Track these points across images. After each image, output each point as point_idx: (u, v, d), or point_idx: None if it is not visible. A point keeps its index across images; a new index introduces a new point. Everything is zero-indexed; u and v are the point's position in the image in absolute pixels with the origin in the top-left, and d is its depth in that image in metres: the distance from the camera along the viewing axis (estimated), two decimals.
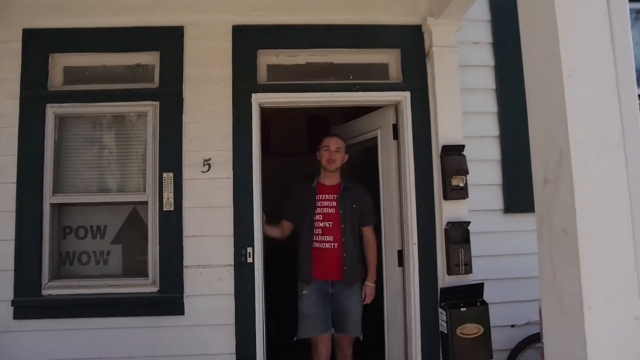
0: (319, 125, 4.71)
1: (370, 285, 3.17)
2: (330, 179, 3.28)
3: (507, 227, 3.31)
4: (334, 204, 3.19)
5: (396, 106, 3.29)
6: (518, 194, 3.30)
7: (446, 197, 3.02)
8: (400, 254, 3.23)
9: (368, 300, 3.15)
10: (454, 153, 3.04)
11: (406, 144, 3.16)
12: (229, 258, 3.01)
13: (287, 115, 5.41)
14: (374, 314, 3.34)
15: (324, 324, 3.11)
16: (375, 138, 3.50)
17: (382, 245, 3.36)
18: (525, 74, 1.61)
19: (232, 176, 3.06)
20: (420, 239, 3.10)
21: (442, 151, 3.05)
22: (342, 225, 3.14)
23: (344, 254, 3.11)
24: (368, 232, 3.25)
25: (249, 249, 3.00)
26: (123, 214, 3.16)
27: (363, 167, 3.87)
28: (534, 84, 1.56)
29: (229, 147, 3.08)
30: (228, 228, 3.02)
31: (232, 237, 3.02)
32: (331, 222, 3.16)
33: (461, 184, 3.01)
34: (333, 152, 3.23)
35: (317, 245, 3.17)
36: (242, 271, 3.00)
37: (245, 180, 3.06)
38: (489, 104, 3.40)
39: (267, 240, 3.21)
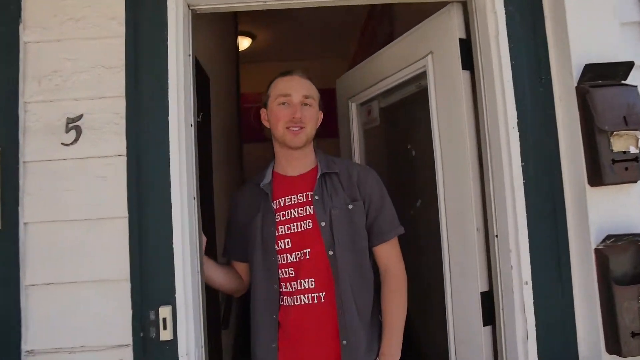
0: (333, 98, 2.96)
1: None
2: (297, 162, 1.63)
3: None
4: (310, 209, 1.54)
5: (464, 3, 1.64)
6: None
7: (598, 179, 1.34)
8: (488, 300, 1.57)
9: None
10: (610, 81, 1.37)
11: (496, 75, 1.48)
12: (124, 331, 1.38)
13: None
14: None
15: None
16: (421, 76, 1.85)
17: (445, 283, 1.71)
18: None
19: (125, 152, 1.42)
20: (537, 272, 1.42)
21: (582, 78, 1.38)
22: (330, 252, 1.50)
23: (339, 311, 1.49)
24: (386, 253, 1.59)
25: (164, 310, 1.36)
26: None
27: (392, 141, 2.23)
28: None
29: (118, 91, 1.44)
30: (119, 265, 1.39)
31: (129, 285, 1.38)
32: (308, 249, 1.52)
33: (634, 148, 1.34)
34: (298, 106, 1.56)
35: (287, 301, 1.54)
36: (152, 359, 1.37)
37: (156, 160, 1.42)
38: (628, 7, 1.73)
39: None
